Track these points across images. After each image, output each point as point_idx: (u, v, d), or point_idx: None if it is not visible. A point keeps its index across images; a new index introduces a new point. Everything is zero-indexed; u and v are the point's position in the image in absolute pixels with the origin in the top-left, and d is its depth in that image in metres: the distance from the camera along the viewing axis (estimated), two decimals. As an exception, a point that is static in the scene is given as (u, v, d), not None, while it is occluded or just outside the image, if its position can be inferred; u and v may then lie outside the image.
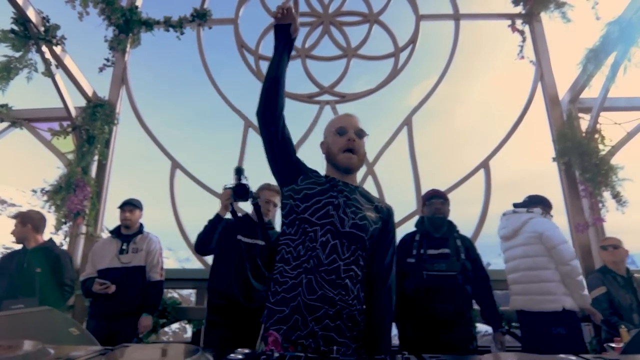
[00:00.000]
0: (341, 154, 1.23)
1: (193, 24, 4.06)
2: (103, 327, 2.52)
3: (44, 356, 0.67)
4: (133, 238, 2.78)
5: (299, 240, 1.15)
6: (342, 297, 1.08)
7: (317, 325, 1.06)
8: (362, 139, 1.28)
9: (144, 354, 0.77)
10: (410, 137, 3.79)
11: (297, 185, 1.22)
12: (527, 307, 2.42)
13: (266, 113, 1.21)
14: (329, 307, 1.07)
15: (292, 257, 1.14)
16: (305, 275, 1.09)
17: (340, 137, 1.25)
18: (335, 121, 1.32)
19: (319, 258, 1.10)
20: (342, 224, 1.14)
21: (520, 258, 2.51)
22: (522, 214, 2.57)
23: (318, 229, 1.13)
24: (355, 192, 1.25)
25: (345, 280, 1.10)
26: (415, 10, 4.15)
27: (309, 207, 1.16)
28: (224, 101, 4.00)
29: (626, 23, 3.00)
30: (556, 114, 3.65)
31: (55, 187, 3.43)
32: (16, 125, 3.68)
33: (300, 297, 1.08)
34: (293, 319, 1.07)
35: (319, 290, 1.07)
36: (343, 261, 1.11)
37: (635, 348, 1.34)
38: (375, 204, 1.27)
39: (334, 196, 1.19)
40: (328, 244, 1.12)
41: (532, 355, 0.71)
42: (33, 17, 3.13)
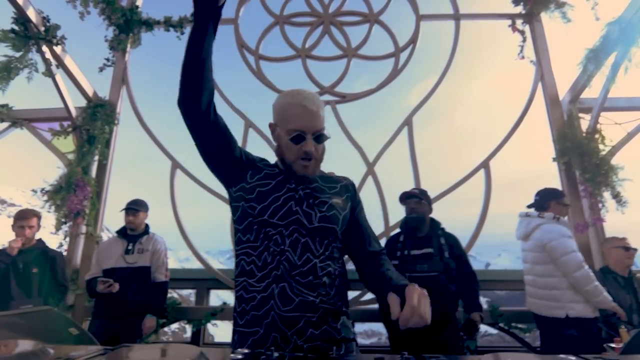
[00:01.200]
0: (297, 162, 1.05)
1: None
2: (107, 327, 2.53)
3: (44, 356, 0.67)
4: (139, 238, 2.80)
5: (262, 246, 1.00)
6: (323, 297, 0.97)
7: (300, 339, 0.93)
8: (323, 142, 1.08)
9: (144, 354, 0.77)
10: (411, 137, 3.79)
11: (247, 184, 1.06)
12: (537, 311, 2.48)
13: (189, 103, 0.93)
14: (311, 314, 0.94)
15: (257, 267, 0.99)
16: (276, 284, 0.95)
17: (295, 145, 1.03)
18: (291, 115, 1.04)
19: (289, 261, 0.97)
20: (310, 220, 1.01)
21: (531, 263, 2.54)
22: (533, 218, 2.59)
23: (283, 229, 1.00)
24: (315, 179, 1.11)
25: (324, 278, 0.99)
26: (416, 10, 4.15)
27: (267, 206, 1.01)
28: (224, 101, 4.01)
29: (626, 23, 3.00)
30: (556, 114, 3.65)
31: (56, 187, 3.43)
32: (16, 125, 3.69)
33: (274, 312, 0.94)
34: (271, 338, 0.93)
35: (296, 298, 0.94)
36: (318, 258, 1.00)
37: (635, 348, 1.34)
38: (339, 184, 1.15)
39: (292, 189, 1.05)
40: (298, 243, 0.99)
41: (532, 355, 0.71)
42: (33, 17, 3.13)
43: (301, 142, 1.03)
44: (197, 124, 0.97)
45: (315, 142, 1.05)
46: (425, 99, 3.95)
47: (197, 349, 0.74)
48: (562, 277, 2.37)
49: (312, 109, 1.04)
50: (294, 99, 1.05)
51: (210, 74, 0.95)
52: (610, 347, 1.69)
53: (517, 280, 3.39)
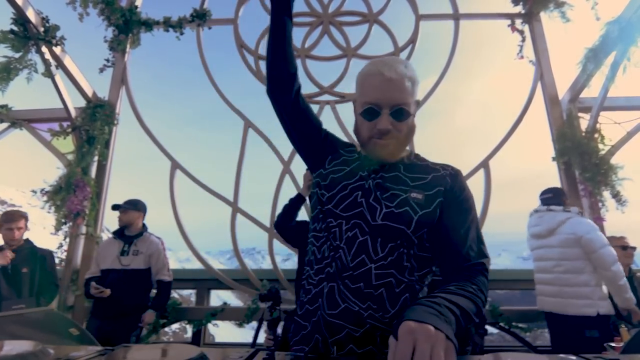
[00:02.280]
0: (372, 142, 0.90)
1: (193, 24, 4.06)
2: (102, 327, 2.55)
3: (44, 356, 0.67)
4: (134, 240, 2.79)
5: (323, 238, 0.91)
6: (374, 312, 0.80)
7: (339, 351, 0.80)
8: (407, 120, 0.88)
9: (144, 354, 0.77)
10: (410, 137, 3.79)
11: (324, 170, 0.97)
12: (559, 310, 2.37)
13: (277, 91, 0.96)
14: (355, 327, 0.80)
15: (316, 260, 0.91)
16: (327, 282, 0.85)
17: (367, 121, 0.89)
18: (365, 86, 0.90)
19: (342, 260, 0.84)
20: (373, 215, 0.85)
21: (556, 260, 2.43)
22: (558, 212, 2.50)
23: (343, 222, 0.87)
24: (398, 167, 0.93)
25: (380, 289, 0.81)
26: (415, 10, 4.15)
27: (334, 195, 0.90)
28: (223, 101, 4.01)
29: (625, 23, 3.00)
30: (556, 114, 3.65)
31: (55, 188, 3.43)
32: (16, 126, 3.69)
33: (320, 311, 0.84)
34: (314, 339, 0.83)
35: (342, 303, 0.81)
36: (375, 263, 0.83)
37: (635, 348, 1.34)
38: (432, 174, 0.91)
39: (364, 177, 0.91)
40: (355, 241, 0.84)
41: (532, 355, 0.71)
42: (33, 18, 3.13)
43: (375, 117, 0.87)
44: (285, 110, 0.98)
45: (393, 119, 0.87)
46: (425, 99, 3.95)
47: (197, 349, 0.74)
48: (591, 273, 2.31)
49: (392, 76, 0.86)
50: (373, 67, 0.90)
51: (294, 61, 0.97)
52: (610, 347, 1.70)
53: (517, 280, 3.40)
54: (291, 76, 0.96)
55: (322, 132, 1.03)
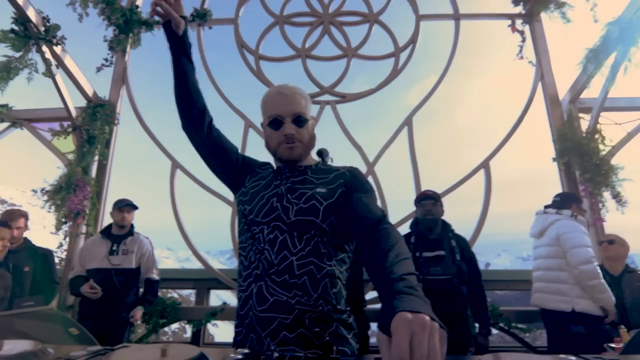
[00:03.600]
0: (281, 147, 1.04)
1: (193, 24, 4.06)
2: (95, 327, 2.52)
3: (44, 356, 0.67)
4: (123, 239, 2.77)
5: (249, 246, 1.00)
6: (300, 298, 0.90)
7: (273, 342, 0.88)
8: (306, 125, 1.06)
9: (144, 354, 0.77)
10: (411, 137, 3.79)
11: (244, 187, 1.10)
12: (544, 305, 2.52)
13: (186, 125, 1.08)
14: (284, 315, 0.89)
15: (244, 267, 1.00)
16: (255, 283, 0.94)
17: (275, 132, 1.04)
18: (267, 104, 1.08)
19: (267, 259, 0.94)
20: (287, 214, 0.97)
21: (543, 258, 2.58)
22: (550, 215, 2.63)
23: (265, 227, 0.98)
24: (306, 172, 1.06)
25: (303, 277, 0.92)
26: (415, 10, 4.15)
27: (255, 206, 1.02)
28: (224, 101, 4.01)
29: (626, 23, 3.00)
30: (556, 114, 3.65)
31: (56, 187, 3.43)
32: (16, 126, 3.69)
33: (252, 311, 0.92)
34: (248, 339, 0.91)
35: (270, 297, 0.91)
36: (296, 256, 0.93)
37: (635, 349, 1.34)
38: (334, 173, 1.06)
39: (277, 185, 1.03)
40: (276, 240, 0.95)
41: (532, 355, 0.71)
42: (33, 17, 3.13)
43: (280, 127, 1.04)
44: (197, 142, 1.10)
45: (296, 126, 1.04)
46: (425, 99, 3.95)
47: (197, 349, 0.74)
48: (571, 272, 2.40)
49: (287, 93, 1.05)
50: (272, 89, 1.11)
51: (201, 98, 1.08)
52: (610, 347, 1.69)
53: (517, 280, 3.40)
54: (200, 112, 1.07)
55: (239, 158, 1.15)
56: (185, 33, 1.08)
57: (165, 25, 1.06)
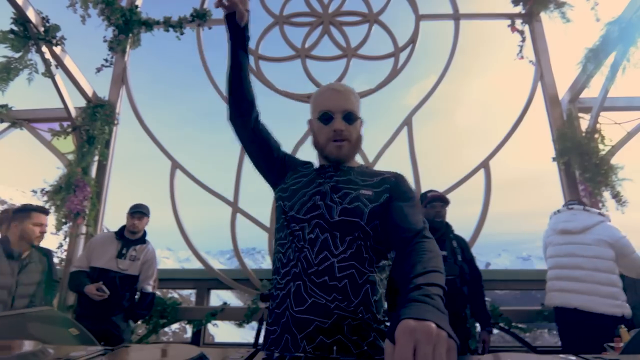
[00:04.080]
0: (330, 144, 1.04)
1: (193, 24, 4.06)
2: (94, 328, 2.52)
3: (44, 356, 0.67)
4: (134, 245, 2.75)
5: (288, 243, 0.97)
6: (339, 303, 0.86)
7: (309, 345, 0.84)
8: (355, 123, 1.06)
9: (144, 354, 0.77)
10: (411, 137, 3.79)
11: (284, 184, 1.09)
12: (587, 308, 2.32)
13: (235, 115, 1.09)
14: (322, 319, 0.85)
15: (282, 265, 0.97)
16: (294, 282, 0.90)
17: (325, 126, 1.04)
18: (319, 99, 1.09)
19: (307, 258, 0.91)
20: (331, 214, 0.94)
21: (590, 257, 2.41)
22: (593, 214, 2.54)
23: (305, 225, 0.95)
24: (350, 173, 1.05)
25: (343, 281, 0.88)
26: (415, 10, 4.15)
27: (295, 203, 1.00)
28: (224, 101, 4.01)
29: (626, 23, 3.00)
30: (556, 114, 3.65)
31: (55, 188, 3.43)
32: (16, 126, 3.68)
33: (288, 311, 0.88)
34: (283, 340, 0.88)
35: (309, 299, 0.87)
36: (337, 257, 0.89)
37: (635, 348, 1.34)
38: (380, 177, 1.04)
39: (321, 183, 1.01)
40: (317, 240, 0.92)
41: (532, 355, 0.71)
42: (33, 18, 3.13)
43: (330, 121, 1.04)
44: (243, 133, 1.10)
45: (346, 122, 1.03)
46: (425, 99, 3.95)
47: (197, 349, 0.75)
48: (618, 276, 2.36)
49: (339, 89, 1.07)
50: (323, 88, 1.12)
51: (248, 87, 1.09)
52: (610, 347, 1.69)
53: (517, 280, 3.40)
54: (250, 104, 1.09)
55: (282, 154, 1.17)
56: (246, 26, 1.08)
57: (228, 16, 1.06)
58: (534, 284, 3.39)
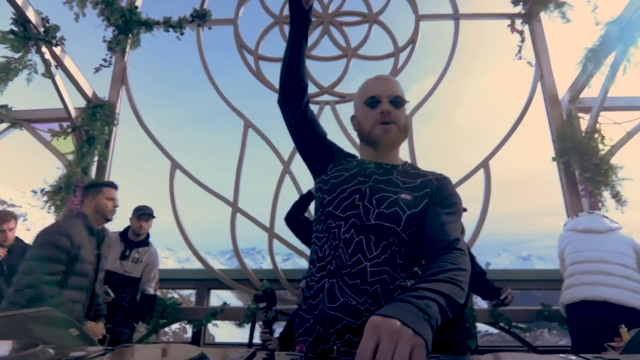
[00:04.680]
0: (377, 128, 1.01)
1: (193, 24, 4.06)
2: None
3: (44, 356, 0.67)
4: (137, 247, 2.74)
5: (324, 238, 0.98)
6: (370, 306, 0.87)
7: (338, 340, 0.87)
8: (402, 108, 1.04)
9: (144, 354, 0.77)
10: (410, 137, 3.79)
11: (326, 175, 1.05)
12: (618, 301, 2.31)
13: (288, 101, 1.06)
14: (352, 319, 0.87)
15: (318, 258, 0.98)
16: (328, 279, 0.92)
17: (372, 110, 1.03)
18: (365, 88, 1.08)
19: (341, 258, 0.92)
20: (368, 216, 0.93)
21: (617, 253, 2.45)
22: (612, 221, 2.60)
23: (342, 223, 0.94)
24: (391, 172, 1.01)
25: (375, 286, 0.89)
26: (415, 10, 4.15)
27: (335, 198, 0.98)
28: (223, 101, 4.01)
29: (625, 23, 3.00)
30: (556, 114, 3.65)
31: (55, 188, 3.43)
32: (16, 126, 3.68)
33: (322, 305, 0.91)
34: (316, 330, 0.91)
35: (341, 298, 0.89)
36: (370, 261, 0.90)
37: (635, 348, 1.34)
38: (421, 179, 1.00)
39: (362, 181, 0.99)
40: (352, 241, 0.92)
41: (532, 355, 0.71)
42: (33, 18, 3.13)
43: (376, 105, 1.02)
44: (294, 119, 1.07)
45: (393, 106, 1.02)
46: (425, 99, 3.95)
47: (197, 349, 0.75)
48: None
49: (386, 77, 1.08)
50: (368, 79, 1.11)
51: (306, 78, 1.07)
52: (610, 347, 1.69)
53: (517, 280, 3.40)
54: (302, 89, 1.06)
55: (327, 142, 1.12)
56: (310, 8, 1.07)
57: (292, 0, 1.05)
58: (534, 284, 3.40)
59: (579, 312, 2.47)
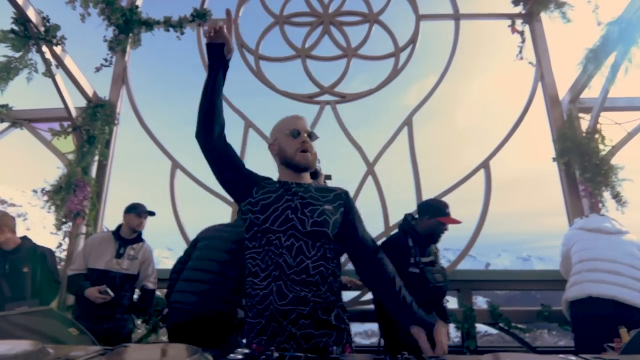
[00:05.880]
0: (298, 154, 1.28)
1: (193, 24, 4.06)
2: (96, 329, 2.50)
3: (44, 356, 0.67)
4: (130, 244, 2.73)
5: (264, 251, 1.18)
6: (315, 292, 1.14)
7: (294, 327, 1.10)
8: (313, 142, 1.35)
9: (144, 354, 0.77)
10: (411, 137, 3.79)
11: (252, 198, 1.24)
12: (624, 299, 2.28)
13: (205, 138, 1.20)
14: (302, 307, 1.11)
15: (260, 269, 1.17)
16: (275, 282, 1.13)
17: (294, 139, 1.29)
18: (287, 123, 1.34)
19: (286, 262, 1.14)
20: (303, 225, 1.18)
21: (626, 254, 2.44)
22: (621, 225, 2.61)
23: (281, 235, 1.17)
24: (310, 190, 1.28)
25: (316, 277, 1.15)
26: (415, 10, 4.15)
27: (269, 216, 1.19)
28: (224, 101, 4.00)
29: (626, 23, 3.00)
30: (556, 114, 3.65)
31: (56, 187, 3.43)
32: (16, 126, 3.68)
33: (272, 306, 1.11)
34: (271, 328, 1.11)
35: (290, 294, 1.11)
36: (311, 259, 1.16)
37: (634, 349, 1.34)
38: (332, 193, 1.31)
39: (290, 199, 1.22)
40: (293, 247, 1.15)
41: (532, 355, 0.71)
42: (33, 17, 3.13)
43: (298, 136, 1.29)
44: (212, 153, 1.22)
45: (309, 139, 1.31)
46: (425, 99, 3.95)
47: (197, 348, 0.75)
48: None
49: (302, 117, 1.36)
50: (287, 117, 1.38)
51: (221, 112, 1.23)
52: (610, 347, 1.69)
53: (517, 280, 3.40)
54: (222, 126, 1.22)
55: (246, 171, 1.29)
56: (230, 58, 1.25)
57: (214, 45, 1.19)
58: (534, 284, 3.39)
59: (584, 310, 2.43)
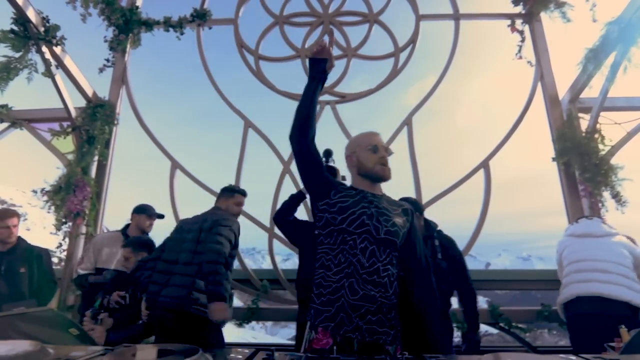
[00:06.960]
0: (378, 166, 1.42)
1: (193, 24, 4.06)
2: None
3: (44, 356, 0.67)
4: None
5: (338, 249, 1.31)
6: (383, 293, 1.27)
7: (361, 321, 1.23)
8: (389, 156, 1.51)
9: (144, 354, 0.77)
10: (411, 137, 3.79)
11: (330, 200, 1.38)
12: (610, 295, 2.33)
13: (300, 139, 1.35)
14: (371, 304, 1.24)
15: (333, 264, 1.31)
16: (347, 279, 1.26)
17: (374, 154, 1.43)
18: (367, 139, 1.49)
19: (360, 262, 1.27)
20: (378, 232, 1.31)
21: (614, 252, 2.47)
22: (611, 227, 2.64)
23: (356, 237, 1.30)
24: (382, 201, 1.43)
25: (385, 279, 1.28)
26: (415, 10, 4.15)
27: (345, 218, 1.32)
28: (223, 101, 4.01)
29: (625, 23, 3.00)
30: (556, 114, 3.65)
31: (55, 188, 3.43)
32: (16, 126, 3.69)
33: (344, 298, 1.25)
34: (339, 317, 1.24)
35: (360, 291, 1.25)
36: (381, 263, 1.29)
37: (635, 348, 1.34)
38: (401, 208, 1.45)
39: (366, 207, 1.36)
40: (367, 249, 1.29)
41: (532, 355, 0.71)
42: (33, 18, 3.13)
43: (377, 151, 1.43)
44: (304, 155, 1.37)
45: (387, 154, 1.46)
46: (425, 99, 3.95)
47: (197, 348, 0.75)
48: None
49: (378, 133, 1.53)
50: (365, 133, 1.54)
51: (315, 119, 1.38)
52: (610, 347, 1.69)
53: (517, 280, 3.40)
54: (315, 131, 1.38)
55: (325, 173, 1.43)
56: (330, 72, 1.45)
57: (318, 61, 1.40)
58: (534, 284, 3.39)
59: (574, 310, 2.49)
